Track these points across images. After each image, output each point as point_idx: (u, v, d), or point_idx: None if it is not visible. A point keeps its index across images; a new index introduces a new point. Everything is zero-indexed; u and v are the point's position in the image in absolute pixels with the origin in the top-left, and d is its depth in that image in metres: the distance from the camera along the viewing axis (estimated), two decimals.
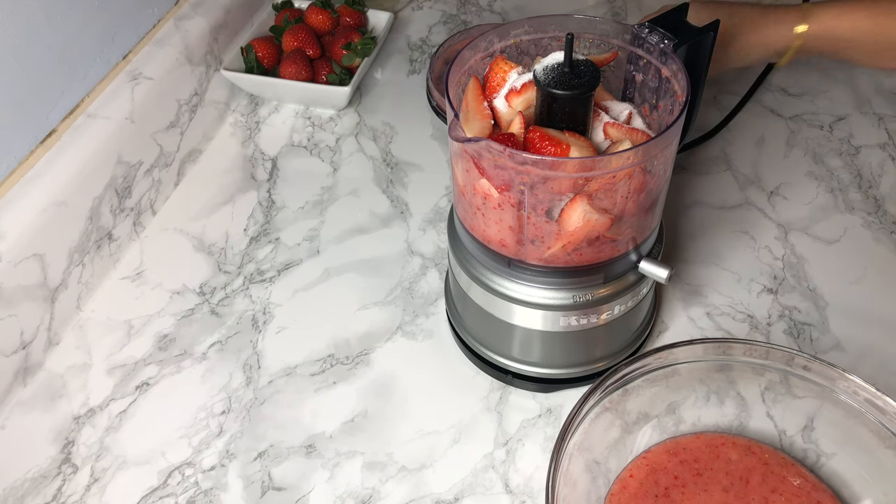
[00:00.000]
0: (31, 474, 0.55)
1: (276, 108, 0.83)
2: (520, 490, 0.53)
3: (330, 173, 0.76)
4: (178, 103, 0.74)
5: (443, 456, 0.55)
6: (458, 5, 0.95)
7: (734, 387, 0.52)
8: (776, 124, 0.78)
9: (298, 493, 0.54)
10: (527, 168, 0.44)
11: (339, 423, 0.57)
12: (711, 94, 0.80)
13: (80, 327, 0.64)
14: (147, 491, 0.54)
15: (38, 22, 0.61)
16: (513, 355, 0.57)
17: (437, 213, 0.72)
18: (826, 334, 0.61)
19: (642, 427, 0.51)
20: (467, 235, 0.53)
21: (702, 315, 0.63)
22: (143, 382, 0.60)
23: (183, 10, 0.77)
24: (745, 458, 0.51)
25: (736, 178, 0.73)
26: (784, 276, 0.65)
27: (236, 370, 0.61)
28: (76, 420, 0.58)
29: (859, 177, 0.72)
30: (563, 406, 0.57)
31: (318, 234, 0.71)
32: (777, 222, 0.69)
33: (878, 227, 0.68)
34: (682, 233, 0.68)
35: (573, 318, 0.52)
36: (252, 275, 0.67)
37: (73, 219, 0.63)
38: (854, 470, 0.49)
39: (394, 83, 0.86)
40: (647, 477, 0.50)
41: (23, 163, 0.61)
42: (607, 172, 0.44)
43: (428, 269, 0.67)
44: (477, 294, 0.55)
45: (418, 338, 0.62)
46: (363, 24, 0.86)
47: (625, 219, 0.47)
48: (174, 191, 0.75)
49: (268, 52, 0.80)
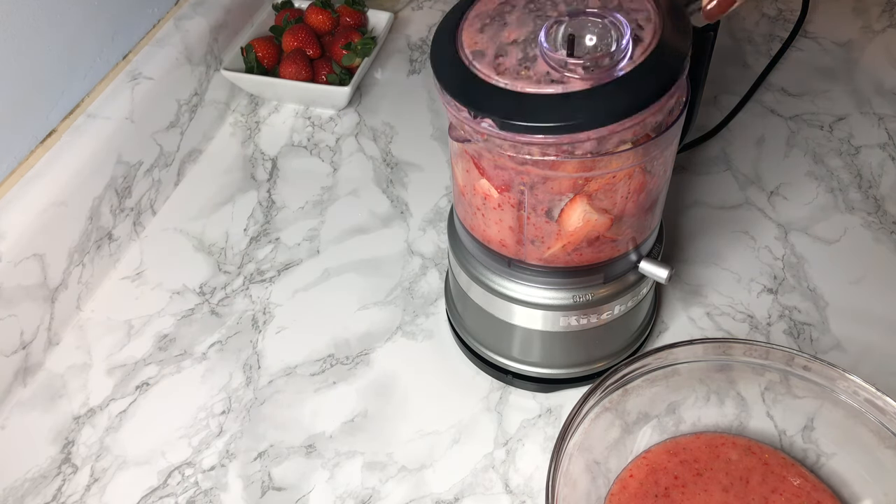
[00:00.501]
0: (31, 474, 0.55)
1: (276, 108, 0.83)
2: (520, 490, 0.53)
3: (330, 173, 0.76)
4: (178, 103, 0.74)
5: (443, 456, 0.55)
6: None
7: (734, 387, 0.52)
8: (776, 124, 0.78)
9: (298, 493, 0.54)
10: (527, 168, 0.44)
11: (339, 423, 0.57)
12: (711, 94, 0.80)
13: (80, 327, 0.64)
14: (147, 491, 0.54)
15: (38, 22, 0.61)
16: (513, 355, 0.57)
17: (437, 213, 0.72)
18: (826, 334, 0.61)
19: (642, 427, 0.51)
20: (467, 235, 0.53)
21: (702, 315, 0.63)
22: (143, 382, 0.60)
23: (183, 10, 0.77)
24: (745, 458, 0.51)
25: (736, 178, 0.73)
26: (784, 276, 0.65)
27: (236, 370, 0.61)
28: (76, 420, 0.58)
29: (859, 177, 0.72)
30: (563, 406, 0.57)
31: (318, 234, 0.71)
32: (777, 222, 0.69)
33: (878, 227, 0.68)
34: (682, 233, 0.68)
35: (573, 318, 0.52)
36: (252, 275, 0.67)
37: (73, 219, 0.63)
38: (854, 470, 0.49)
39: (394, 83, 0.86)
40: (647, 477, 0.50)
41: (23, 163, 0.61)
42: (607, 172, 0.44)
43: (428, 269, 0.67)
44: (477, 294, 0.55)
45: (418, 338, 0.62)
46: (363, 24, 0.86)
47: (625, 219, 0.47)
48: (174, 191, 0.75)
49: (268, 52, 0.80)
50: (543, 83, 0.40)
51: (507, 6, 0.44)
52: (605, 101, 0.40)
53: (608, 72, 0.40)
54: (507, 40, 0.42)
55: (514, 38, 0.42)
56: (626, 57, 0.40)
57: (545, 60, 0.41)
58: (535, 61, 0.41)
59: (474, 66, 0.42)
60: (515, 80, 0.40)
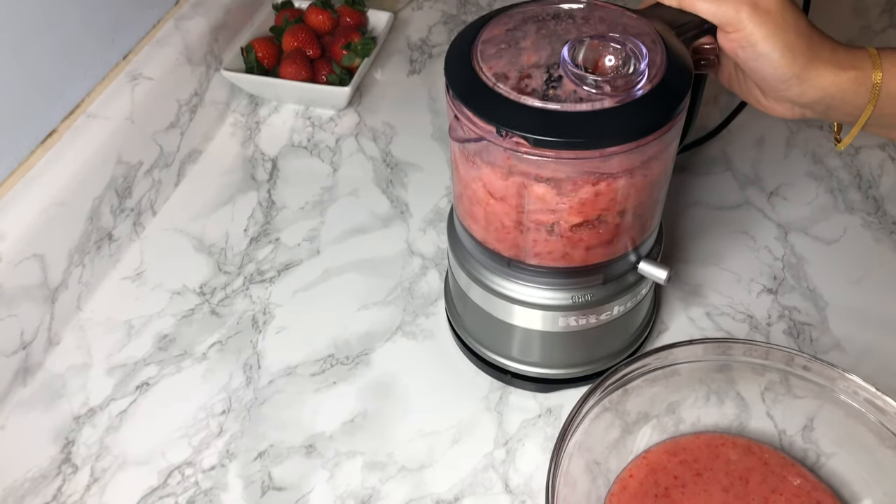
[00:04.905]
0: (31, 474, 0.55)
1: (276, 109, 0.83)
2: (520, 490, 0.53)
3: (330, 173, 0.76)
4: (178, 103, 0.74)
5: (443, 456, 0.55)
6: (459, 5, 0.95)
7: (734, 387, 0.52)
8: (776, 124, 0.77)
9: (298, 493, 0.54)
10: (526, 168, 0.44)
11: (339, 423, 0.57)
12: (711, 94, 0.80)
13: (80, 327, 0.64)
14: (147, 491, 0.54)
15: (38, 22, 0.61)
16: (512, 355, 0.57)
17: (437, 213, 0.72)
18: (826, 334, 0.61)
19: (642, 427, 0.51)
20: (467, 236, 0.53)
21: (702, 315, 0.63)
22: (144, 382, 0.60)
23: (183, 10, 0.77)
24: (745, 458, 0.51)
25: (736, 178, 0.73)
26: (784, 277, 0.65)
27: (236, 370, 0.61)
28: (76, 420, 0.58)
29: (859, 177, 0.72)
30: (563, 406, 0.57)
31: (318, 234, 0.71)
32: (777, 222, 0.69)
33: (878, 227, 0.68)
34: (681, 233, 0.68)
35: (572, 318, 0.53)
36: (252, 275, 0.67)
37: (73, 219, 0.63)
38: (854, 470, 0.49)
39: (394, 83, 0.86)
40: (647, 477, 0.50)
41: (23, 163, 0.61)
42: (607, 173, 0.44)
43: (428, 270, 0.67)
44: (476, 294, 0.55)
45: (418, 338, 0.62)
46: (363, 24, 0.86)
47: (624, 219, 0.47)
48: (174, 191, 0.75)
49: (268, 52, 0.80)
50: (571, 101, 0.42)
51: (519, 32, 0.46)
52: (634, 117, 0.42)
53: (629, 91, 0.42)
54: (527, 63, 0.44)
55: (535, 61, 0.44)
56: (644, 77, 0.43)
57: (572, 80, 0.43)
58: (561, 81, 0.43)
59: (498, 87, 0.43)
60: (544, 99, 0.42)
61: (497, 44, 0.45)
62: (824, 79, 0.46)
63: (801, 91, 0.47)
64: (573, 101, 0.42)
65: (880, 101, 0.47)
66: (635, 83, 0.42)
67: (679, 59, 0.45)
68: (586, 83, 0.42)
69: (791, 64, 0.46)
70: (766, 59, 0.46)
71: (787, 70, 0.46)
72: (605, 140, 0.42)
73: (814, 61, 0.46)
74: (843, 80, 0.46)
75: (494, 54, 0.45)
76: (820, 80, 0.46)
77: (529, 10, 0.48)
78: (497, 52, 0.45)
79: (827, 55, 0.46)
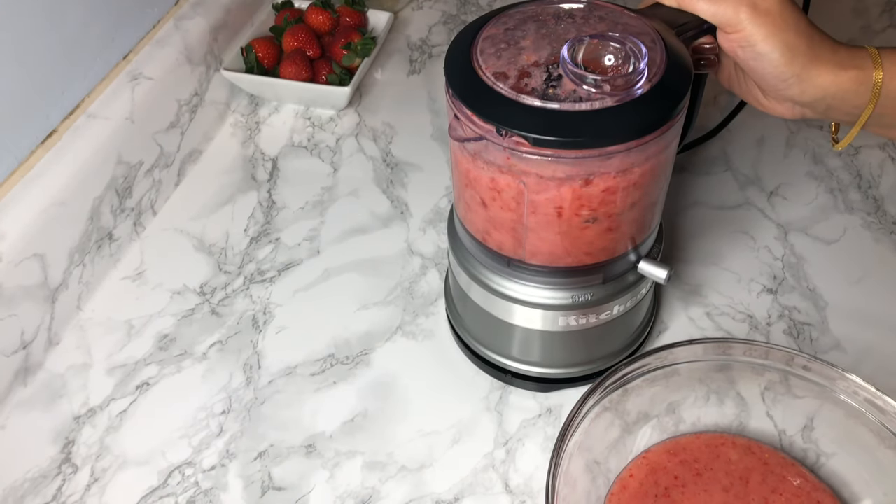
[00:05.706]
0: (31, 474, 0.55)
1: (276, 109, 0.83)
2: (520, 490, 0.53)
3: (330, 173, 0.76)
4: (179, 103, 0.74)
5: (443, 456, 0.55)
6: (458, 5, 0.95)
7: (734, 387, 0.52)
8: (776, 124, 0.77)
9: (298, 492, 0.54)
10: (526, 168, 0.44)
11: (339, 423, 0.57)
12: (711, 94, 0.80)
13: (81, 327, 0.64)
14: (147, 491, 0.54)
15: (38, 22, 0.61)
16: (512, 355, 0.57)
17: (437, 213, 0.72)
18: (826, 334, 0.61)
19: (642, 427, 0.51)
20: (467, 235, 0.53)
21: (701, 315, 0.63)
22: (144, 382, 0.60)
23: (183, 10, 0.77)
24: (745, 458, 0.51)
25: (736, 178, 0.73)
26: (784, 277, 0.65)
27: (236, 370, 0.61)
28: (76, 420, 0.58)
29: (859, 177, 0.72)
30: (563, 406, 0.57)
31: (318, 234, 0.71)
32: (777, 222, 0.69)
33: (878, 227, 0.68)
34: (681, 233, 0.68)
35: (572, 317, 0.53)
36: (252, 275, 0.67)
37: (73, 219, 0.63)
38: (854, 470, 0.49)
39: (394, 83, 0.86)
40: (647, 477, 0.50)
41: (23, 163, 0.61)
42: (607, 172, 0.44)
43: (428, 269, 0.67)
44: (477, 294, 0.55)
45: (418, 338, 0.62)
46: (363, 24, 0.86)
47: (624, 219, 0.47)
48: (174, 191, 0.75)
49: (268, 52, 0.80)
50: (571, 101, 0.42)
51: (519, 31, 0.46)
52: (634, 116, 0.42)
53: (628, 91, 0.42)
54: (527, 62, 0.44)
55: (535, 61, 0.44)
56: (644, 76, 0.43)
57: (571, 80, 0.42)
58: (561, 81, 0.43)
59: (498, 86, 0.43)
60: (544, 99, 0.42)
61: (497, 43, 0.45)
62: (824, 78, 0.46)
63: (802, 91, 0.47)
64: (573, 101, 0.42)
65: (881, 100, 0.47)
66: (635, 82, 0.42)
67: (679, 58, 0.45)
68: (586, 82, 0.42)
69: (791, 63, 0.46)
70: (766, 59, 0.46)
71: (787, 70, 0.46)
72: (604, 139, 0.42)
73: (814, 61, 0.46)
74: (843, 79, 0.46)
75: (494, 54, 0.45)
76: (820, 79, 0.46)
77: (529, 10, 0.48)
78: (497, 51, 0.45)
79: (827, 55, 0.46)
